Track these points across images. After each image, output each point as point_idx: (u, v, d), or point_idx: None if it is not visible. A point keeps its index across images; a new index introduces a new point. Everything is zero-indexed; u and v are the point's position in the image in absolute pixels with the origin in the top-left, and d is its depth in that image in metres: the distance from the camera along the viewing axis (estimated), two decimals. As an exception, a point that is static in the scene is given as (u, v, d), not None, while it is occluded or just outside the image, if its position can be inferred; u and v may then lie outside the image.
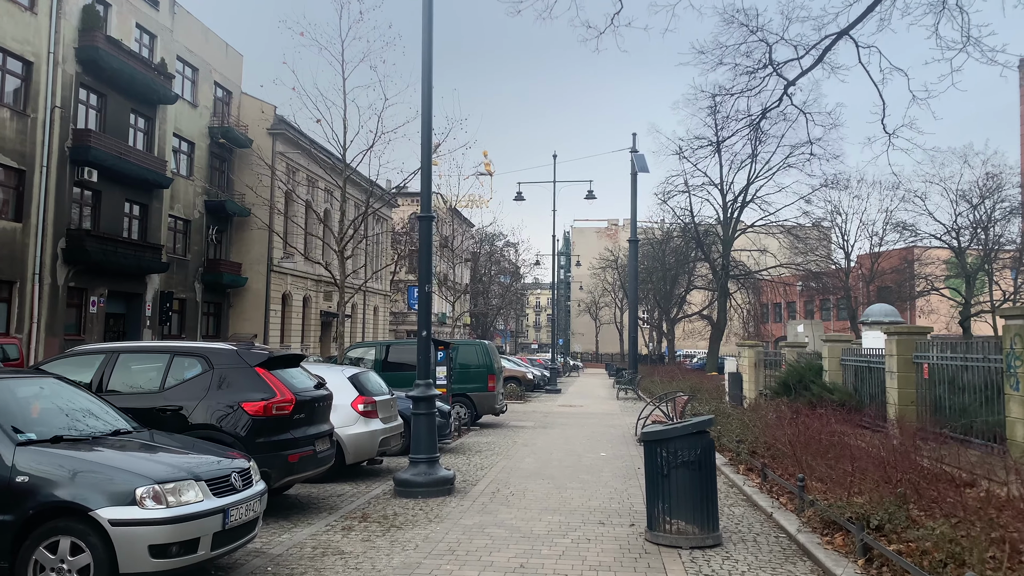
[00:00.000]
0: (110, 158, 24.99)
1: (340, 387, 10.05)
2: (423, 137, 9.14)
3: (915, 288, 39.30)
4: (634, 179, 34.78)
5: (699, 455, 6.87)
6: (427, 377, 9.24)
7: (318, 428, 8.21)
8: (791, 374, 15.44)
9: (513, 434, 15.52)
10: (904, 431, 9.65)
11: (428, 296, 9.31)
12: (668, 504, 6.88)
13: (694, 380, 27.38)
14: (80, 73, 24.66)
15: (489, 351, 16.68)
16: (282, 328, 34.63)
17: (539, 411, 21.70)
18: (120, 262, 25.74)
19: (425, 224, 9.36)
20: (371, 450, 9.97)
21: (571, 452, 12.89)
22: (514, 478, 10.24)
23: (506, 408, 17.71)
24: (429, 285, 9.32)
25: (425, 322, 9.35)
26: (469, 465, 11.34)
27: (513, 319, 79.09)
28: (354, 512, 8.05)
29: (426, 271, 9.34)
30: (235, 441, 7.36)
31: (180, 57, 30.32)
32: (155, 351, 8.04)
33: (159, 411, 7.54)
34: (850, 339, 15.33)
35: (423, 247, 9.33)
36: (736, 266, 37.27)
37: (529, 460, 11.89)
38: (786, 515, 7.81)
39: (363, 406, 9.98)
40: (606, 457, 12.36)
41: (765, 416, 13.07)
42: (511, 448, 13.31)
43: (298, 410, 7.77)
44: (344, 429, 9.77)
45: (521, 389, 26.94)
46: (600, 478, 10.37)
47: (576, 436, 15.31)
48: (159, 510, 5.00)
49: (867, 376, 13.32)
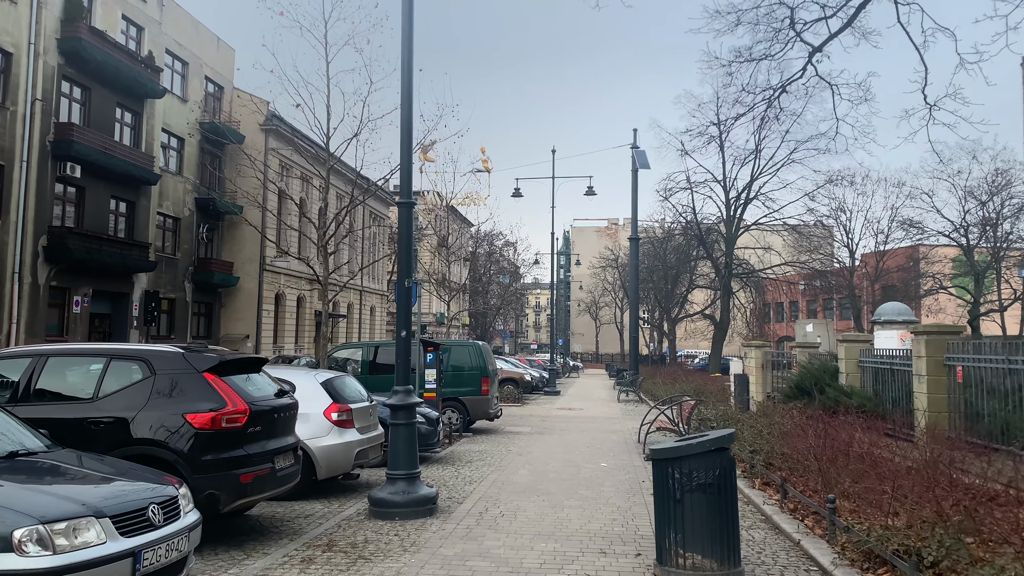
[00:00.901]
0: (94, 153, 23.92)
1: (311, 394, 8.97)
2: (403, 111, 8.05)
3: (921, 287, 38.15)
4: (635, 176, 33.70)
5: (718, 477, 5.77)
6: (406, 383, 8.14)
7: (279, 442, 7.12)
8: (804, 376, 14.32)
9: (508, 441, 14.42)
10: (938, 441, 8.56)
11: (409, 291, 8.22)
12: (681, 534, 5.77)
13: (698, 382, 26.27)
14: (63, 65, 23.60)
15: (483, 352, 15.58)
16: (275, 329, 33.54)
17: (536, 415, 20.60)
18: (105, 260, 24.67)
19: (405, 211, 8.27)
20: (346, 463, 8.88)
21: (569, 462, 11.79)
22: (505, 494, 9.14)
23: (501, 412, 16.61)
24: (411, 279, 8.23)
25: (405, 320, 8.26)
26: (457, 478, 10.24)
27: (513, 319, 78.00)
28: (319, 538, 6.95)
29: (406, 263, 8.25)
30: (177, 459, 6.28)
31: (169, 51, 29.26)
32: (89, 354, 6.96)
33: (91, 423, 6.46)
34: (869, 339, 14.23)
35: (403, 236, 8.24)
36: (739, 264, 36.13)
37: (523, 472, 10.79)
38: (815, 543, 6.71)
39: (337, 415, 8.89)
40: (607, 468, 11.26)
41: (780, 422, 11.97)
42: (504, 458, 12.21)
43: (253, 422, 6.68)
44: (315, 441, 8.68)
45: (518, 391, 25.83)
46: (601, 494, 9.27)
47: (575, 443, 14.20)
48: (44, 558, 3.91)
49: (889, 379, 12.21)
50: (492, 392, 15.52)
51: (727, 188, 34.11)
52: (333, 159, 14.45)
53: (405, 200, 8.26)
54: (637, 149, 33.53)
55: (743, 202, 33.91)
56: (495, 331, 67.32)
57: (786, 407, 14.24)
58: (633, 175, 33.74)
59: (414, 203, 8.24)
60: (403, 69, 8.04)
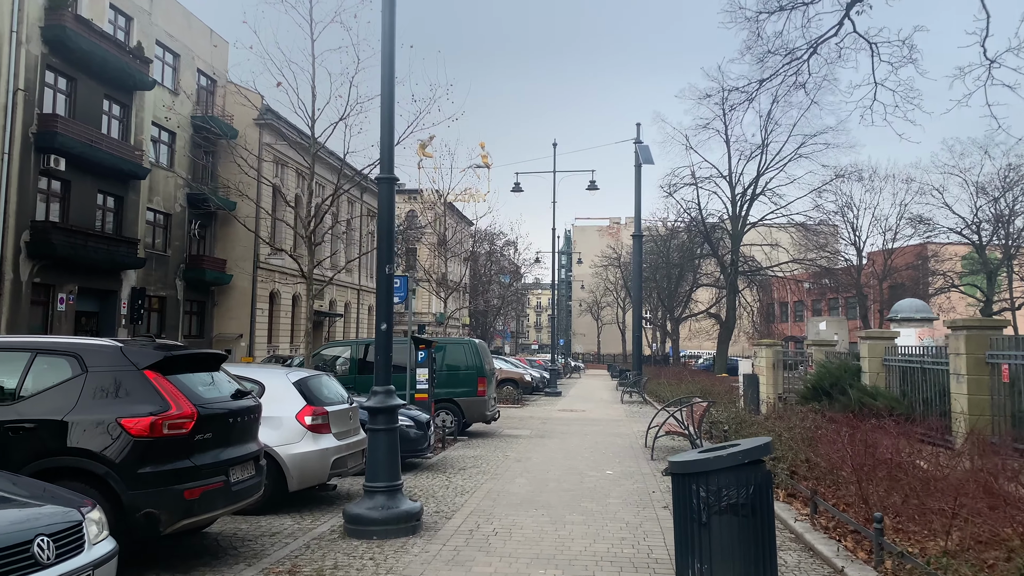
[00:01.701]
0: (79, 145, 22.93)
1: (283, 395, 7.95)
2: (383, 69, 7.02)
3: (931, 285, 37.04)
4: (638, 171, 32.67)
5: (752, 496, 4.74)
6: (387, 382, 7.11)
7: (237, 451, 6.10)
8: (823, 376, 13.29)
9: (505, 445, 13.39)
10: (982, 448, 7.53)
11: (389, 279, 7.20)
12: (708, 565, 4.75)
13: (704, 382, 25.21)
14: (47, 54, 22.61)
15: (479, 351, 14.55)
16: (270, 328, 32.52)
17: (537, 417, 19.56)
18: (91, 257, 23.67)
19: (385, 188, 7.25)
20: (321, 473, 7.85)
21: (572, 469, 10.76)
22: (501, 507, 8.10)
23: (499, 415, 15.57)
24: (391, 266, 7.20)
25: (385, 312, 7.24)
26: (447, 488, 9.20)
27: (514, 319, 76.94)
28: (281, 563, 5.93)
29: (387, 248, 7.23)
30: (109, 472, 5.28)
31: (160, 42, 28.27)
32: (11, 348, 5.93)
33: (9, 429, 5.45)
34: (893, 335, 13.19)
35: (383, 217, 7.22)
36: (746, 261, 35.01)
37: (521, 481, 9.75)
38: (861, 570, 5.67)
39: (312, 418, 7.87)
40: (613, 476, 10.23)
41: (801, 426, 10.93)
42: (501, 464, 11.18)
43: (203, 428, 5.66)
44: (286, 448, 7.67)
45: (518, 392, 24.78)
46: (607, 507, 8.23)
47: (578, 448, 13.17)
48: None
49: (920, 379, 11.18)
50: (489, 393, 14.49)
51: (733, 183, 33.06)
52: (318, 145, 13.42)
53: (386, 175, 7.24)
54: (640, 144, 32.55)
55: (749, 198, 32.84)
56: (496, 331, 66.27)
57: (803, 409, 13.22)
58: (636, 170, 32.72)
59: (396, 179, 7.22)
60: (384, 17, 7.02)
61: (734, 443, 5.23)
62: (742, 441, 5.26)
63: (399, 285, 12.94)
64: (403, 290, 12.97)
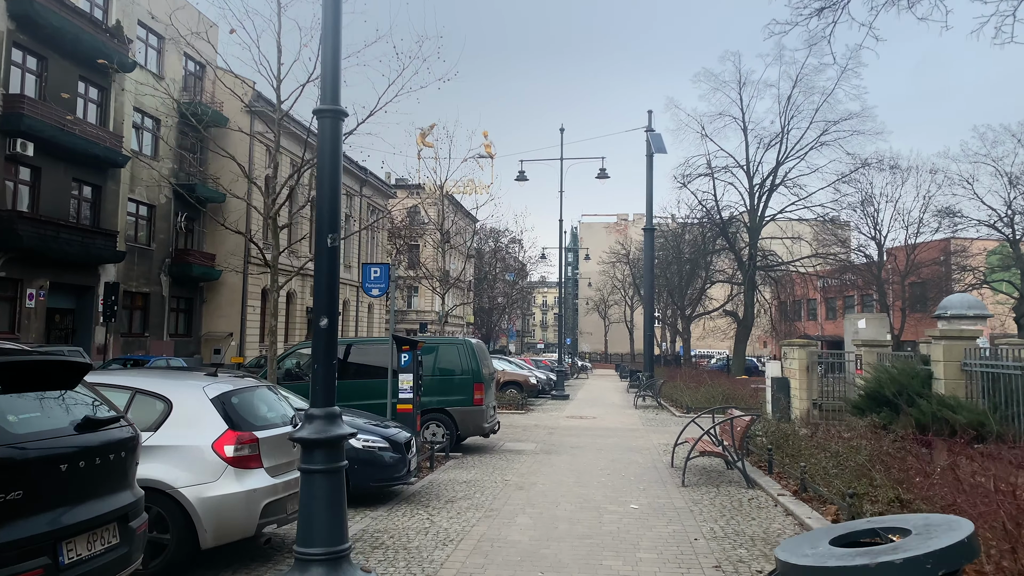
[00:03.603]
0: (49, 129, 20.84)
1: (195, 416, 5.74)
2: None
3: (959, 281, 34.54)
4: (649, 160, 30.40)
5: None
6: (327, 402, 4.88)
7: (83, 511, 3.89)
8: (884, 382, 10.97)
9: (506, 465, 11.14)
10: None
11: (333, 254, 4.96)
12: None
13: (725, 386, 22.90)
14: (13, 31, 20.51)
15: (476, 352, 12.29)
16: (262, 327, 30.36)
17: (543, 425, 17.30)
18: (64, 249, 21.59)
19: (328, 124, 4.99)
20: (247, 524, 5.62)
21: (586, 502, 8.50)
22: (494, 570, 5.86)
23: (499, 426, 13.31)
24: (335, 235, 4.96)
25: (327, 304, 4.99)
26: (427, 534, 6.96)
27: (519, 318, 74.69)
28: None
29: (329, 211, 4.98)
30: None
31: (142, 23, 26.13)
32: None
33: None
34: (975, 334, 10.86)
35: (324, 164, 4.97)
36: (765, 256, 32.57)
37: (523, 521, 7.50)
38: None
39: (235, 448, 5.65)
40: (640, 512, 7.96)
41: (874, 449, 8.66)
42: (499, 494, 8.93)
43: (12, 481, 3.44)
44: (198, 490, 5.45)
45: (523, 396, 22.49)
46: (639, 568, 5.97)
47: (591, 468, 10.90)
48: None
49: (1018, 389, 8.88)
50: (487, 401, 12.23)
51: (751, 174, 30.70)
52: (283, 111, 11.22)
53: (328, 107, 4.99)
54: (652, 132, 30.27)
55: (768, 188, 30.46)
56: (502, 330, 64.05)
57: (861, 422, 10.93)
58: (648, 160, 30.44)
59: (343, 112, 4.95)
60: None
61: (889, 523, 2.97)
62: (909, 519, 2.98)
63: (379, 275, 10.70)
64: (384, 281, 10.73)
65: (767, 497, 8.83)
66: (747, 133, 31.05)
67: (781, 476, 9.75)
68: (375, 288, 10.67)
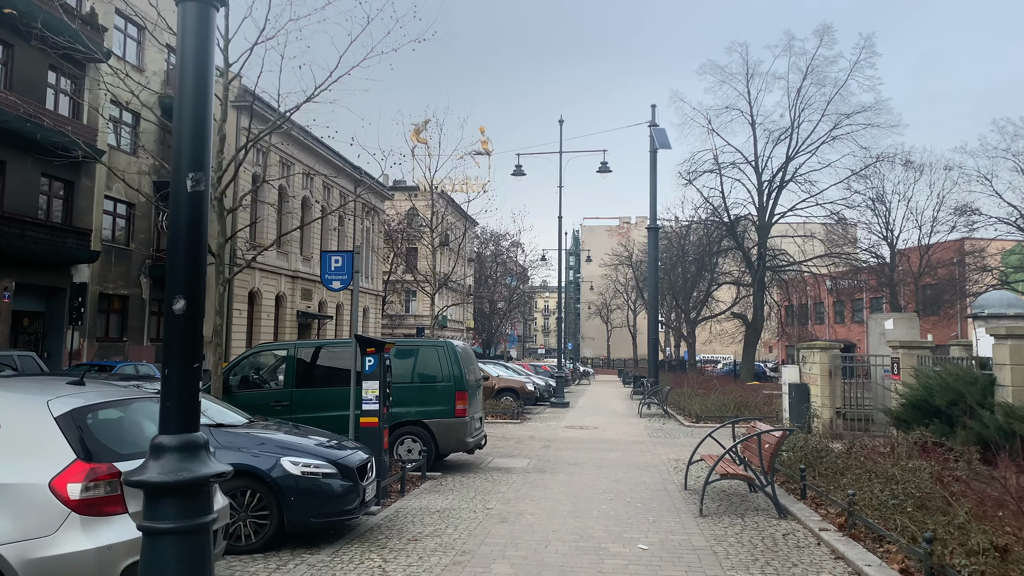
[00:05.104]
0: (14, 120, 19.26)
1: (29, 440, 4.07)
2: None
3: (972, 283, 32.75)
4: (653, 157, 28.75)
5: None
6: (186, 426, 3.18)
7: None
8: (934, 390, 9.23)
9: (490, 487, 9.42)
10: None
11: (196, 201, 3.27)
12: None
13: (735, 392, 21.18)
14: (-26, 15, 18.97)
15: (458, 356, 10.56)
16: (249, 330, 28.70)
17: (539, 437, 15.57)
18: (30, 248, 20.00)
19: (193, 8, 3.31)
20: (97, 596, 3.92)
21: (583, 540, 6.78)
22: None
23: (485, 440, 11.56)
24: (199, 175, 3.28)
25: (184, 281, 3.30)
26: (372, 591, 5.24)
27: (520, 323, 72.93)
28: None
29: (192, 139, 3.29)
30: None
31: (120, 11, 24.56)
32: None
33: None
34: (1049, 334, 9.12)
35: (187, 66, 3.29)
36: (775, 256, 30.76)
37: (501, 571, 5.78)
38: None
39: (83, 487, 3.96)
40: (650, 556, 6.24)
41: (938, 473, 6.96)
42: (476, 528, 7.20)
43: None
44: (22, 548, 3.76)
45: (519, 404, 20.73)
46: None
47: (591, 492, 9.17)
48: None
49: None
50: (471, 412, 10.50)
51: (759, 169, 28.97)
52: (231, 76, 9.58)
53: (192, -12, 3.33)
54: (656, 127, 28.65)
55: (778, 185, 28.72)
56: (503, 335, 62.33)
57: (905, 436, 9.18)
58: (651, 156, 28.79)
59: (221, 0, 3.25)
60: None
61: None
62: None
63: (341, 264, 9.02)
64: (347, 271, 9.06)
65: (805, 532, 7.11)
66: (755, 127, 29.43)
67: (818, 503, 8.04)
68: (336, 280, 9.02)
